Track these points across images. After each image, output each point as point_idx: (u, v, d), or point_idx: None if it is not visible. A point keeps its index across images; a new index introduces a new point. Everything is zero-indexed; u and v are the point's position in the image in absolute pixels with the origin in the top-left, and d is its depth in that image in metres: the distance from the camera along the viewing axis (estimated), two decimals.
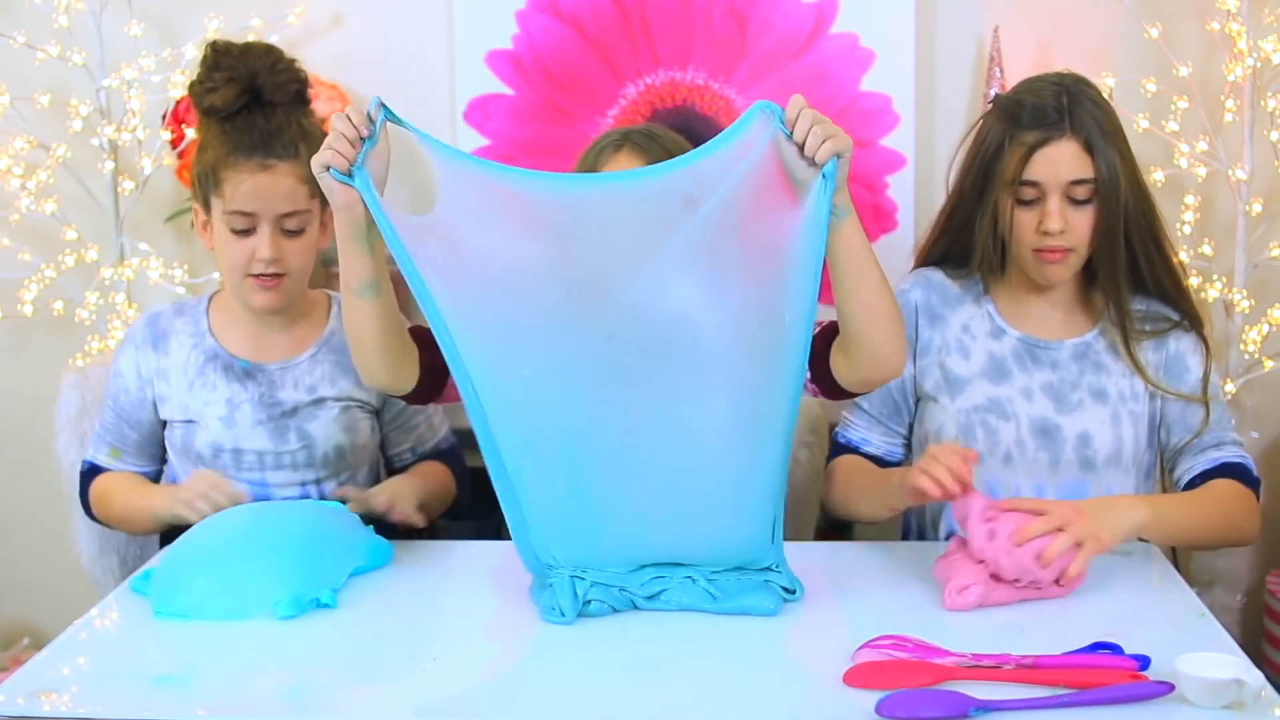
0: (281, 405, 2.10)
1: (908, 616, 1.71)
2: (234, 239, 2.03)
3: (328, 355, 2.14)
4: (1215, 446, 2.01)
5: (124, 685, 1.58)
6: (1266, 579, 2.85)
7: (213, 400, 2.10)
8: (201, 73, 2.04)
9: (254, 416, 2.10)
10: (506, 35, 2.91)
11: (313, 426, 2.11)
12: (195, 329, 2.13)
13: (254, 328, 2.13)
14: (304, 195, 2.03)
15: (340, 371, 2.13)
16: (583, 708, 1.53)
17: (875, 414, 2.11)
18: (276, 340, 2.13)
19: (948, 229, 2.07)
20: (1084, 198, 1.93)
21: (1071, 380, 2.02)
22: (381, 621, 1.77)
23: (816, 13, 2.87)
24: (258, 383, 2.11)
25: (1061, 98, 1.93)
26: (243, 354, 2.12)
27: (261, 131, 2.01)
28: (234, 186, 2.00)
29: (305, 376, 2.12)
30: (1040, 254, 1.95)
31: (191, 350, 2.12)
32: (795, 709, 1.50)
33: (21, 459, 3.01)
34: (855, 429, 2.11)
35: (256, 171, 2.00)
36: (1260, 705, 1.47)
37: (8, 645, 3.08)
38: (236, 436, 2.09)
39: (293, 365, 2.12)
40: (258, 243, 2.02)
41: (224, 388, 2.10)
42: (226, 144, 2.01)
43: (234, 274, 2.05)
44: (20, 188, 2.84)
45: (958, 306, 2.06)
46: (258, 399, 2.10)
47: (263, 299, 2.05)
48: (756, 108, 1.63)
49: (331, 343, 2.14)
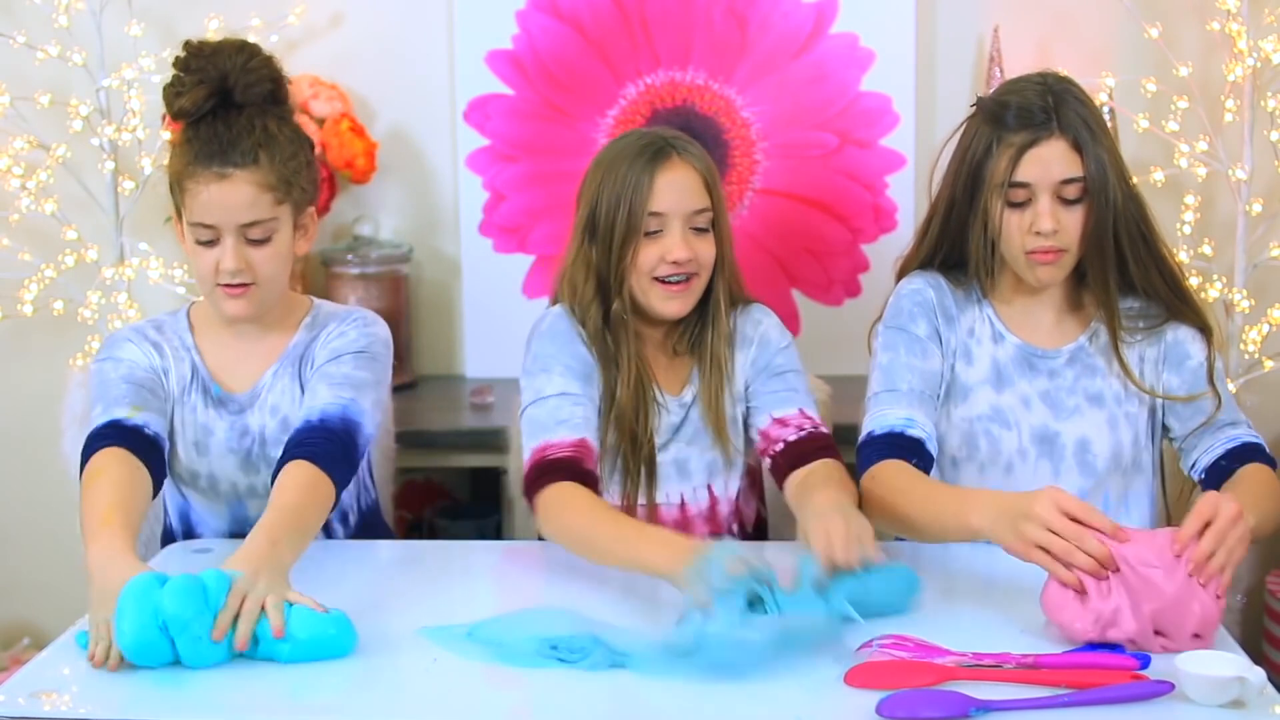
0: (250, 435, 2.05)
1: (908, 616, 1.71)
2: (200, 250, 1.96)
3: (285, 369, 2.06)
4: (1231, 425, 2.00)
5: (124, 685, 1.57)
6: (1266, 579, 2.85)
7: (188, 421, 2.05)
8: (173, 75, 1.96)
9: (226, 445, 2.05)
10: (506, 35, 2.91)
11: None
12: (181, 343, 2.07)
13: (229, 339, 2.07)
14: (267, 203, 1.94)
15: (294, 383, 2.05)
16: (583, 708, 1.53)
17: (917, 392, 1.97)
18: (250, 352, 2.06)
19: (940, 236, 2.04)
20: (1074, 197, 1.92)
21: (1067, 386, 2.01)
22: (381, 621, 1.76)
23: (816, 13, 2.87)
24: (229, 411, 2.05)
25: (1046, 97, 1.92)
26: (219, 371, 2.05)
27: (221, 139, 1.92)
28: (193, 197, 1.93)
29: (268, 397, 2.06)
30: (1032, 255, 1.94)
31: (180, 364, 2.06)
32: (795, 709, 1.50)
33: (22, 459, 3.01)
34: (893, 413, 1.96)
35: (213, 181, 1.92)
36: (1261, 703, 1.47)
37: (8, 645, 3.08)
38: (210, 464, 2.06)
39: (259, 389, 2.06)
40: (221, 253, 1.94)
41: (201, 411, 2.05)
42: (188, 152, 1.94)
43: (204, 284, 1.99)
44: (20, 188, 2.83)
45: (964, 310, 2.05)
46: (229, 428, 2.05)
47: (233, 307, 1.98)
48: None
49: (290, 355, 2.07)
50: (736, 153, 2.93)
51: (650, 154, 2.01)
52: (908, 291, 2.05)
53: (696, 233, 2.02)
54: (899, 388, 1.99)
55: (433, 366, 3.06)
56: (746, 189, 2.94)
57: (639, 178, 1.99)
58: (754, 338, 2.10)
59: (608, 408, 2.04)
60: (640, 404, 2.04)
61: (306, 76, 2.88)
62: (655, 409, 2.06)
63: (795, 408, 2.05)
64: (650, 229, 2.00)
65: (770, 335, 2.11)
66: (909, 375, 1.99)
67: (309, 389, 2.02)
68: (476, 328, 3.00)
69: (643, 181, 1.99)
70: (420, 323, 3.03)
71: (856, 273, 2.96)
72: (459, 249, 3.00)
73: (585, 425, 1.96)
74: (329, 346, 2.04)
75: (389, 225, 3.01)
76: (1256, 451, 1.98)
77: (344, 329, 2.06)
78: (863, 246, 2.95)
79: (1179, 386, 2.01)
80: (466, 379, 3.02)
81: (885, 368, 2.02)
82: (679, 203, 2.00)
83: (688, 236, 2.01)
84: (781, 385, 2.08)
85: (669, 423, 2.07)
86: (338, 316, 2.09)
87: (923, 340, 2.02)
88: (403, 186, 3.02)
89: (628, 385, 2.03)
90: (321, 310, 2.11)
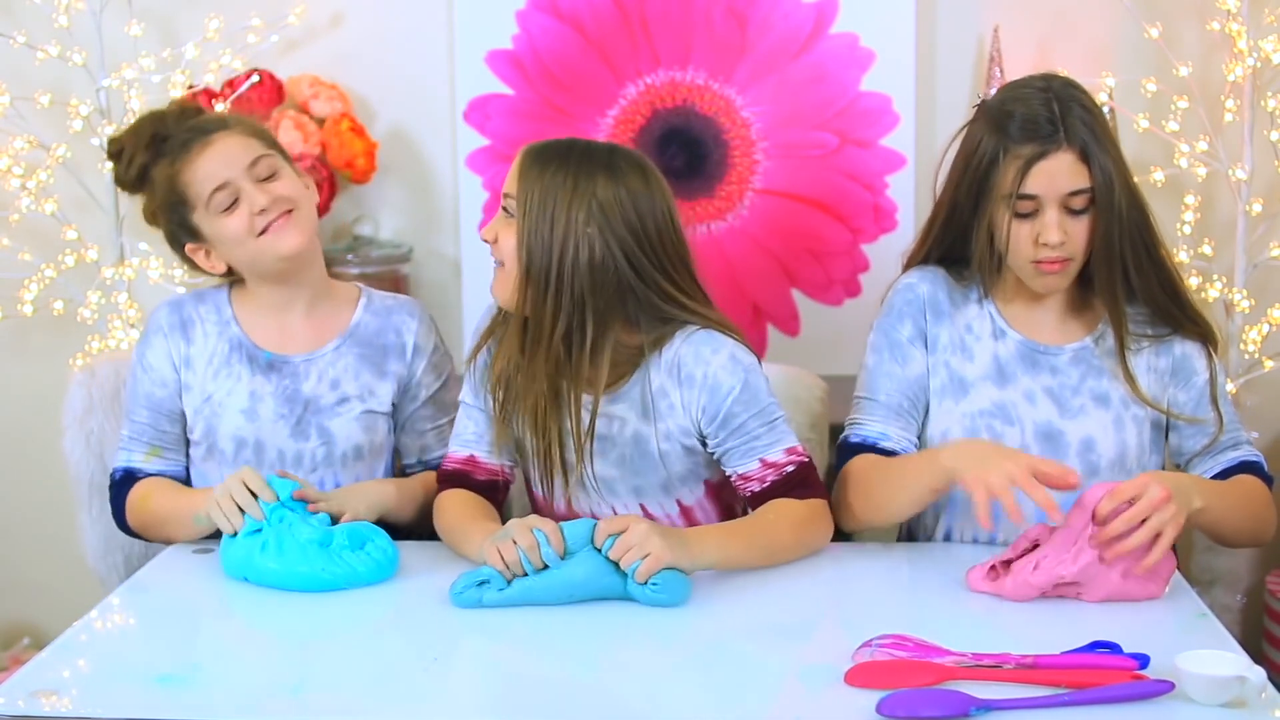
0: (304, 399, 2.09)
1: (908, 616, 1.71)
2: (227, 217, 2.02)
3: (351, 348, 2.12)
4: (1233, 446, 2.01)
5: (124, 685, 1.57)
6: (1266, 579, 2.85)
7: (236, 390, 2.09)
8: (115, 165, 2.09)
9: (276, 410, 2.09)
10: (506, 35, 2.91)
11: (334, 424, 2.10)
12: (219, 316, 2.12)
13: (277, 316, 2.11)
14: (257, 145, 2.05)
15: (363, 365, 2.12)
16: (582, 708, 1.53)
17: (894, 406, 2.02)
18: (299, 328, 2.12)
19: (943, 237, 2.05)
20: (1081, 207, 1.92)
21: (1073, 386, 2.01)
22: (382, 621, 1.77)
23: (816, 13, 2.87)
24: (281, 375, 2.09)
25: (1052, 105, 1.91)
26: (266, 344, 2.10)
27: (186, 129, 2.04)
28: (194, 179, 2.01)
29: (329, 369, 2.11)
30: (1038, 265, 1.94)
31: (217, 338, 2.10)
32: (795, 709, 1.50)
33: (22, 458, 3.01)
34: (871, 424, 2.01)
35: (202, 150, 2.01)
36: (1261, 703, 1.47)
37: (8, 645, 3.08)
38: (258, 430, 2.08)
39: (316, 357, 2.11)
40: (248, 202, 2.01)
41: (248, 379, 2.09)
42: (167, 163, 2.03)
43: (247, 244, 2.03)
44: (20, 188, 2.83)
45: (962, 305, 2.05)
46: (280, 392, 2.09)
47: (287, 240, 2.03)
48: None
49: (356, 335, 2.13)
50: (736, 153, 2.93)
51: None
52: (901, 288, 2.06)
53: (503, 214, 1.95)
54: (878, 398, 2.02)
55: None
56: (746, 189, 2.94)
57: None
58: (698, 379, 1.93)
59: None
60: (550, 403, 1.94)
61: (306, 76, 2.88)
62: (567, 410, 1.95)
63: (755, 460, 1.93)
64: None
65: (720, 380, 1.93)
66: (888, 384, 2.02)
67: (439, 426, 2.17)
68: None
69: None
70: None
71: (856, 273, 2.96)
72: (459, 249, 3.00)
73: (476, 441, 2.05)
74: (438, 374, 2.18)
75: (389, 225, 3.01)
76: (1254, 468, 2.00)
77: (437, 360, 2.18)
78: (863, 246, 2.95)
79: (1186, 403, 2.02)
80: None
81: (870, 371, 2.05)
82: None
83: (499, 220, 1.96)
84: (740, 440, 1.94)
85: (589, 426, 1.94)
86: (404, 309, 2.18)
87: (904, 345, 2.03)
88: (403, 186, 3.02)
89: (535, 379, 1.94)
90: (374, 296, 2.19)
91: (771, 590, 1.83)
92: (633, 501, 2.00)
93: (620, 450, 1.97)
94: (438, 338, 2.19)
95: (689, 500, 2.02)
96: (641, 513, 2.00)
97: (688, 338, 1.95)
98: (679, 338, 1.95)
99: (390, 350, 2.14)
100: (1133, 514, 1.72)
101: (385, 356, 2.13)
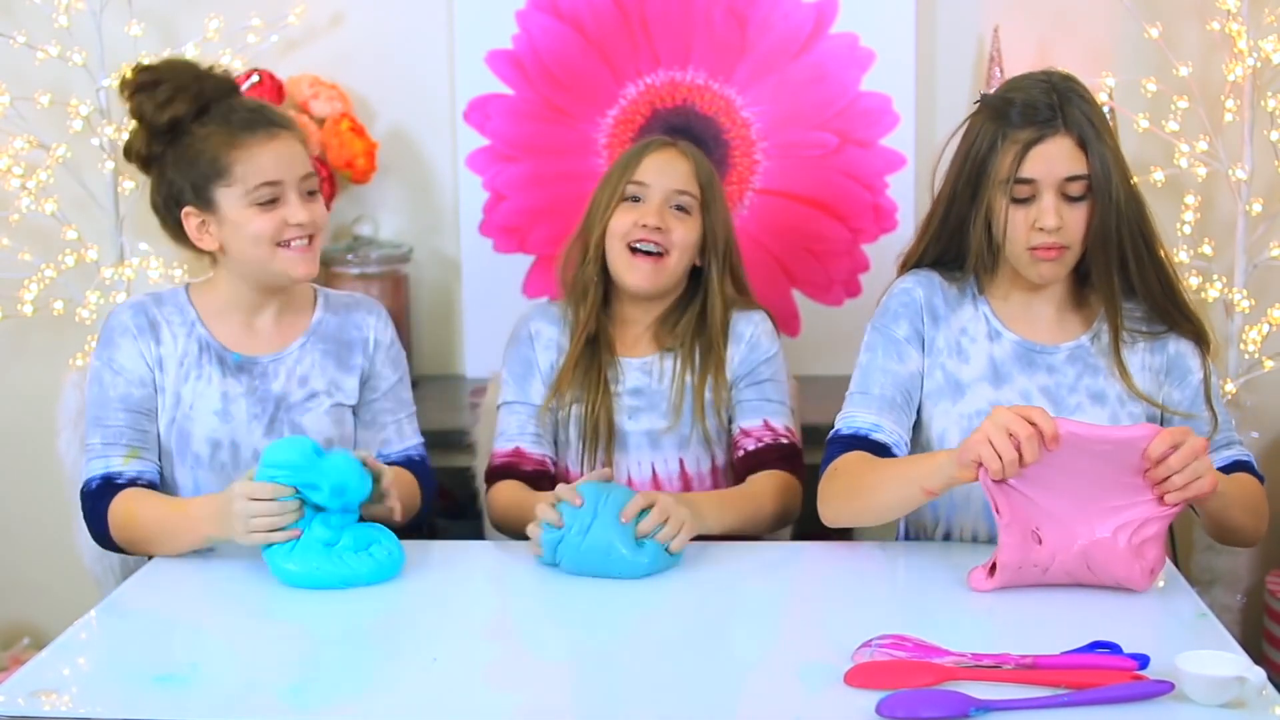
0: (275, 398, 2.10)
1: (908, 616, 1.71)
2: (259, 213, 2.01)
3: (316, 345, 2.14)
4: (1226, 445, 2.02)
5: (124, 685, 1.58)
6: (1266, 579, 2.85)
7: (207, 393, 2.08)
8: (141, 91, 2.02)
9: (249, 411, 2.09)
10: (506, 35, 2.91)
11: (306, 419, 2.10)
12: (183, 318, 2.11)
13: (242, 317, 2.11)
14: (308, 158, 2.07)
15: (328, 360, 2.13)
16: (582, 708, 1.53)
17: (887, 399, 2.00)
18: (265, 330, 2.12)
19: (940, 233, 2.05)
20: (1078, 194, 1.93)
21: (1069, 384, 2.01)
22: (382, 621, 1.77)
23: (816, 13, 2.87)
24: (251, 375, 2.10)
25: (1051, 94, 1.93)
26: (233, 345, 2.10)
27: (250, 109, 2.04)
28: (250, 163, 2.00)
29: (296, 367, 2.12)
30: (1035, 252, 1.95)
31: (185, 340, 2.09)
32: (795, 709, 1.50)
33: (21, 459, 3.01)
34: (861, 416, 1.99)
35: (268, 141, 2.01)
36: (1261, 703, 1.47)
37: (8, 645, 3.08)
38: (233, 430, 2.08)
39: (283, 356, 2.12)
40: (288, 210, 2.02)
41: (219, 380, 2.09)
42: (222, 131, 2.00)
43: (264, 247, 2.02)
44: (20, 188, 2.83)
45: (957, 308, 2.06)
46: (251, 393, 2.09)
47: (303, 265, 2.05)
48: None
49: (319, 332, 2.14)
50: (736, 153, 2.93)
51: (646, 143, 2.26)
52: (897, 291, 2.07)
53: (676, 211, 2.19)
54: (871, 391, 2.02)
55: (433, 366, 3.06)
56: (746, 189, 2.94)
57: (630, 157, 2.24)
58: (745, 337, 2.23)
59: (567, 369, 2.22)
60: (593, 362, 2.21)
61: (306, 76, 2.88)
62: (609, 369, 2.21)
63: (760, 419, 2.19)
64: (629, 195, 2.20)
65: (761, 341, 2.23)
66: (882, 379, 2.02)
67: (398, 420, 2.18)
68: (476, 328, 3.00)
69: (632, 159, 2.23)
70: (420, 323, 3.03)
71: (856, 273, 2.96)
72: (459, 249, 3.00)
73: (519, 433, 2.23)
74: (395, 369, 2.20)
75: (389, 225, 3.01)
76: (1247, 468, 2.00)
77: (394, 354, 2.20)
78: (863, 246, 2.95)
79: (1181, 401, 2.02)
80: (466, 379, 3.02)
81: (864, 368, 2.05)
82: (660, 177, 2.20)
83: (664, 211, 2.18)
84: (756, 395, 2.21)
85: (630, 386, 2.21)
86: (361, 306, 2.20)
87: (900, 343, 2.03)
88: (403, 186, 3.02)
89: (579, 341, 2.21)
90: (330, 295, 2.21)
91: (772, 590, 1.84)
92: (673, 455, 2.20)
93: (671, 402, 2.20)
94: (394, 333, 2.22)
95: (705, 465, 2.23)
96: (679, 469, 2.20)
97: (743, 310, 2.26)
98: (734, 309, 2.26)
99: (354, 345, 2.16)
100: (1183, 455, 1.71)
101: (350, 351, 2.16)
